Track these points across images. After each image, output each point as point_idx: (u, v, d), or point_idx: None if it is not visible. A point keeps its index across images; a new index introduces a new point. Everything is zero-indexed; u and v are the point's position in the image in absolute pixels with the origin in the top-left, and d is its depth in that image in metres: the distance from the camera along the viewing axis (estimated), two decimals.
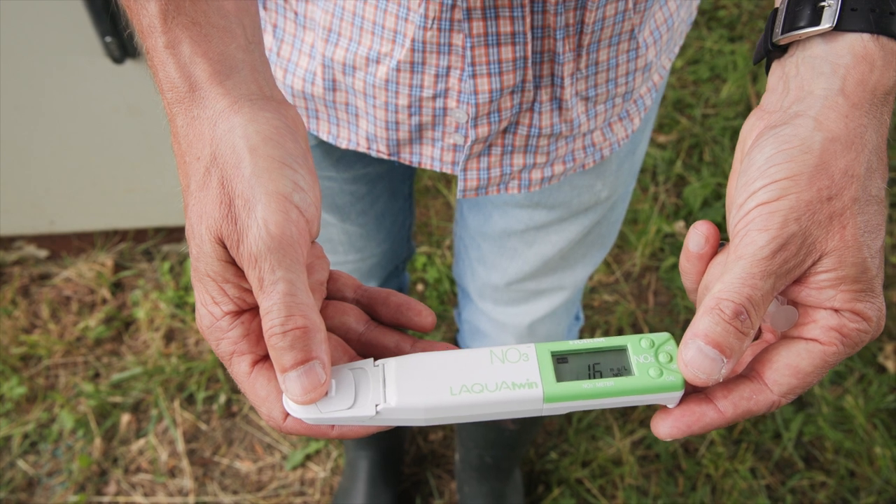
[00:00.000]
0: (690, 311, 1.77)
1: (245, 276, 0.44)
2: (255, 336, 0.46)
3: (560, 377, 0.47)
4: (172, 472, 1.56)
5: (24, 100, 1.46)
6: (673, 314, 1.78)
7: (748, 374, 0.46)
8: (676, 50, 0.80)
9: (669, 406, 0.47)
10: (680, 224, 1.91)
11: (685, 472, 1.56)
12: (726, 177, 1.98)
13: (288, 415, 0.45)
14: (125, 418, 1.62)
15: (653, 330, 1.75)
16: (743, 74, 2.18)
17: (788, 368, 0.44)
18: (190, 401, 1.64)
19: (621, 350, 0.48)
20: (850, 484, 1.54)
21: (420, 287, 1.81)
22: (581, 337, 1.73)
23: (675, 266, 1.84)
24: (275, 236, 0.42)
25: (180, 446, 1.58)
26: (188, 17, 0.46)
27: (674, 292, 1.81)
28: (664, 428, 0.46)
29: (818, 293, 0.44)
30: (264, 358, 0.46)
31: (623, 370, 0.47)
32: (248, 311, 0.46)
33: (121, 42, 1.35)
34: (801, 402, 1.65)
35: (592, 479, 1.55)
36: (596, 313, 1.78)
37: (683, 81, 2.22)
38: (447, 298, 1.79)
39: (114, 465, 1.56)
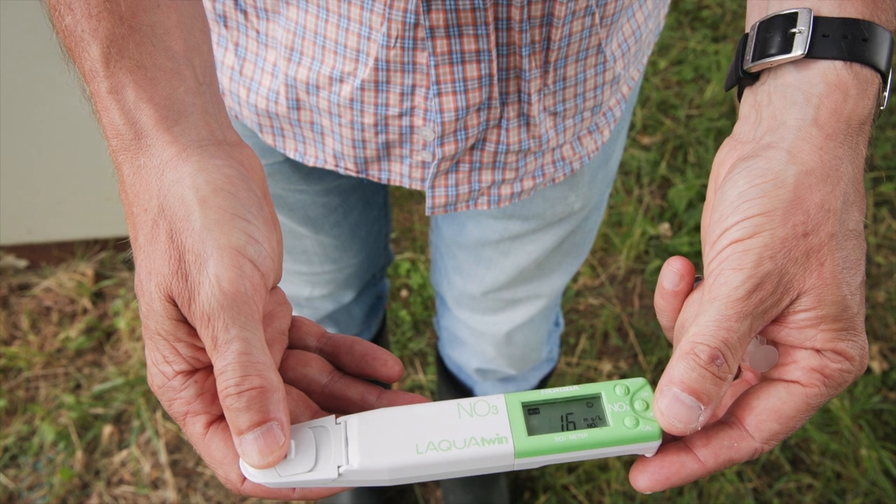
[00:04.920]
0: None
1: (197, 334, 0.42)
2: (210, 396, 0.44)
3: (532, 430, 0.44)
4: (155, 484, 1.54)
5: None
6: None
7: (729, 420, 0.44)
8: (645, 61, 0.79)
9: (647, 455, 0.45)
10: (665, 226, 1.90)
11: None
12: None
13: (246, 478, 0.43)
14: (107, 430, 1.60)
15: (638, 333, 1.74)
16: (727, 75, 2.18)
17: (770, 413, 0.43)
18: None
19: (595, 398, 0.46)
20: (836, 486, 1.54)
21: (404, 293, 1.79)
22: (566, 341, 1.72)
23: (659, 269, 1.83)
24: (228, 293, 0.40)
25: (163, 457, 1.56)
26: (132, 61, 0.44)
27: None
28: (643, 481, 0.44)
29: (798, 333, 0.43)
30: (220, 418, 0.44)
31: (597, 420, 0.45)
32: (202, 370, 0.44)
33: None
34: None
35: (579, 484, 1.54)
36: (581, 317, 1.77)
37: (667, 82, 2.22)
38: (431, 304, 1.78)
39: (96, 478, 1.55)
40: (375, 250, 1.07)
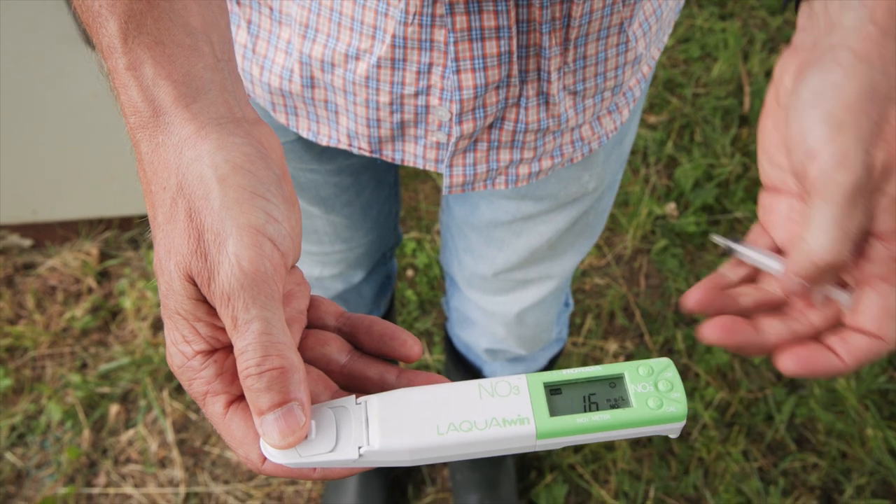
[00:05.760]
0: (682, 294, 1.76)
1: (217, 314, 0.42)
2: (230, 375, 0.43)
3: (553, 411, 0.44)
4: (162, 463, 1.55)
5: (2, 88, 1.43)
6: (665, 297, 1.77)
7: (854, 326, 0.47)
8: (665, 40, 0.78)
9: (672, 436, 0.45)
10: (671, 206, 1.89)
11: (678, 456, 1.56)
12: (717, 157, 1.96)
13: (266, 458, 0.43)
14: (114, 409, 1.60)
15: (644, 313, 1.74)
16: (734, 53, 2.16)
17: (884, 313, 0.45)
18: (179, 390, 1.63)
19: (618, 379, 0.45)
20: (841, 465, 1.54)
21: (410, 273, 1.79)
22: (572, 321, 1.72)
23: (666, 248, 1.83)
24: (248, 273, 0.40)
25: (170, 436, 1.57)
26: (151, 37, 0.43)
27: (665, 275, 1.80)
28: (789, 363, 0.46)
29: (885, 213, 0.45)
30: (239, 398, 0.44)
31: (620, 401, 0.44)
32: (221, 349, 0.44)
33: None
34: (794, 384, 1.64)
35: (585, 464, 1.55)
36: (587, 297, 1.76)
37: (674, 60, 2.20)
38: (437, 284, 1.77)
39: (103, 457, 1.55)
40: (386, 230, 1.06)
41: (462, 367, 1.26)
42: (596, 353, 1.68)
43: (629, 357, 1.68)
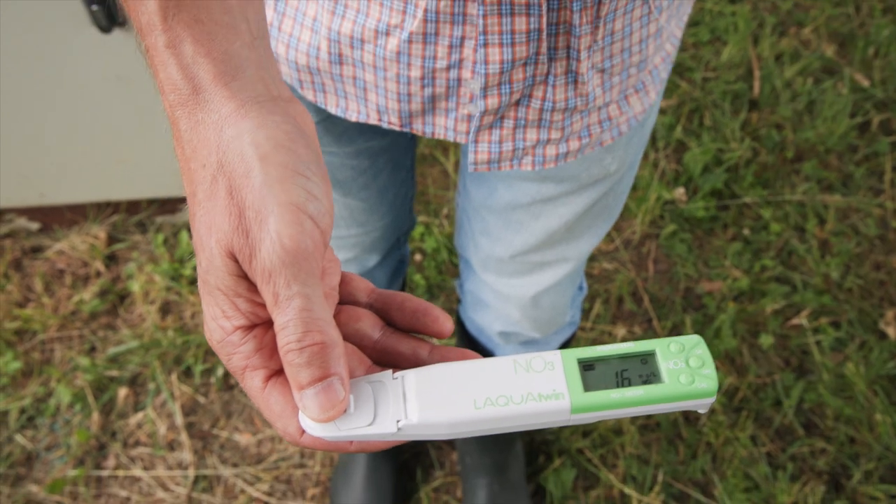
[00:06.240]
0: (691, 279, 1.76)
1: (257, 290, 0.42)
2: (269, 350, 0.44)
3: (587, 386, 0.45)
4: (171, 446, 1.55)
5: (10, 71, 1.42)
6: (673, 282, 1.77)
7: None
8: (685, 18, 0.78)
9: (701, 412, 0.46)
10: (680, 191, 1.89)
11: (686, 441, 1.56)
12: (727, 142, 1.96)
13: (304, 431, 0.44)
14: (122, 392, 1.60)
15: (653, 298, 1.74)
16: (744, 36, 2.15)
17: None
18: (187, 374, 1.63)
19: (649, 355, 0.46)
20: (849, 450, 1.55)
21: (418, 257, 1.79)
22: (584, 306, 1.72)
23: (674, 233, 1.83)
24: (289, 250, 0.40)
25: (179, 419, 1.57)
26: (190, 14, 0.43)
27: (674, 260, 1.80)
28: None
29: None
30: (278, 372, 0.44)
31: (652, 377, 0.46)
32: (260, 325, 0.44)
33: (108, 10, 1.31)
34: (802, 369, 1.64)
35: (593, 448, 1.55)
36: (595, 282, 1.76)
37: (683, 44, 2.19)
38: (445, 268, 1.77)
39: (112, 439, 1.55)
40: (401, 214, 1.06)
41: (474, 350, 1.26)
42: (604, 338, 1.68)
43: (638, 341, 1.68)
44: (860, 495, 1.50)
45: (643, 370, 0.46)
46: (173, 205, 1.80)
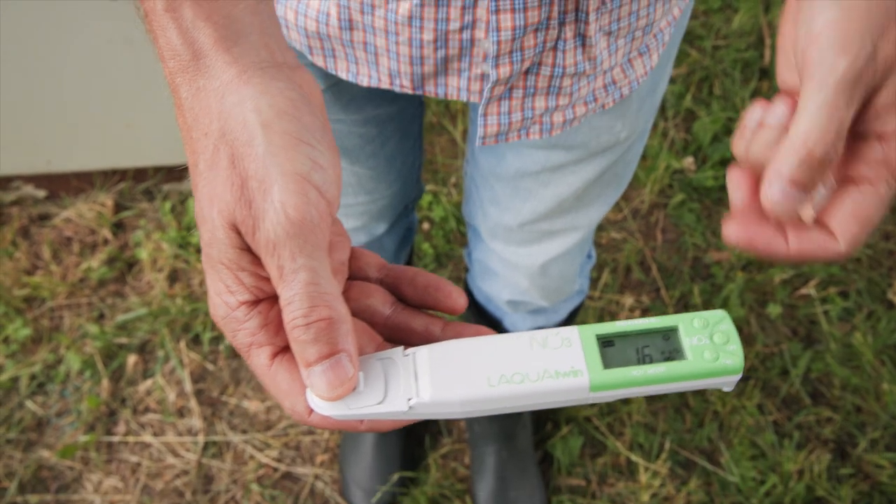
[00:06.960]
0: (699, 249, 1.76)
1: (261, 263, 0.41)
2: (275, 326, 0.42)
3: (607, 363, 0.43)
4: (181, 412, 1.56)
5: (16, 36, 1.41)
6: (681, 251, 1.76)
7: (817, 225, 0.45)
8: None
9: (726, 389, 0.44)
10: (689, 160, 1.87)
11: (692, 409, 1.57)
12: (737, 111, 1.94)
13: (313, 410, 0.42)
14: (132, 359, 1.61)
15: (661, 267, 1.73)
16: (755, 4, 2.12)
17: (849, 217, 0.43)
18: (196, 341, 1.64)
19: (672, 331, 0.44)
20: (856, 419, 1.55)
21: (426, 226, 1.78)
22: (592, 275, 1.71)
23: (683, 203, 1.82)
24: (294, 221, 0.39)
25: (188, 386, 1.58)
26: None
27: (682, 229, 1.79)
28: (733, 231, 0.44)
29: (876, 118, 0.43)
30: (284, 349, 0.43)
31: (675, 353, 0.43)
32: (266, 300, 0.43)
33: None
34: (810, 338, 1.64)
35: (601, 416, 1.56)
36: (604, 251, 1.76)
37: (693, 12, 2.16)
38: (453, 237, 1.77)
39: (122, 406, 1.57)
40: (409, 182, 1.05)
41: (482, 320, 1.26)
42: (612, 308, 1.68)
43: (645, 312, 1.68)
44: (865, 463, 1.51)
45: (665, 346, 0.44)
46: (180, 172, 1.80)
